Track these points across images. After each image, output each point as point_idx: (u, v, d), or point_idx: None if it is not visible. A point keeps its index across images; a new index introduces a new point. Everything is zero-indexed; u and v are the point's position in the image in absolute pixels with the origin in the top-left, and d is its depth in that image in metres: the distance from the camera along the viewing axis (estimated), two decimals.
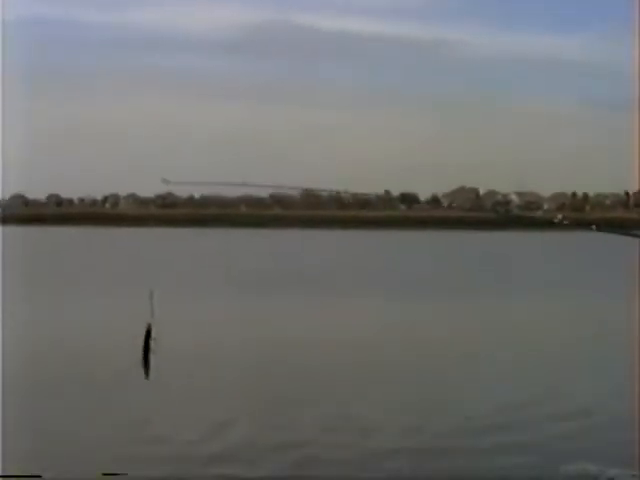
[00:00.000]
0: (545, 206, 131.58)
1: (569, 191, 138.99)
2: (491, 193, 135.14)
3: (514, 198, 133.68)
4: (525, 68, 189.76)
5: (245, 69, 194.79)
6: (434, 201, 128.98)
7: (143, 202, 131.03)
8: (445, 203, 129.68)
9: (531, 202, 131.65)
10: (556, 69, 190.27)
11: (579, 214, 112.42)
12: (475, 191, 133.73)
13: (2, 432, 7.11)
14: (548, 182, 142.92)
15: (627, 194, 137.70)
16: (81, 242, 47.74)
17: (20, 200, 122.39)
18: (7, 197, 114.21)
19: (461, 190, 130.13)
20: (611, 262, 29.99)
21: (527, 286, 21.73)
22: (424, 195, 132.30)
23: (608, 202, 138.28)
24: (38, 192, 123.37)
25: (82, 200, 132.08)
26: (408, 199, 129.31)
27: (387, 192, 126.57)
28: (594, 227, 3.71)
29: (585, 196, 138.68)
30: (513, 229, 64.11)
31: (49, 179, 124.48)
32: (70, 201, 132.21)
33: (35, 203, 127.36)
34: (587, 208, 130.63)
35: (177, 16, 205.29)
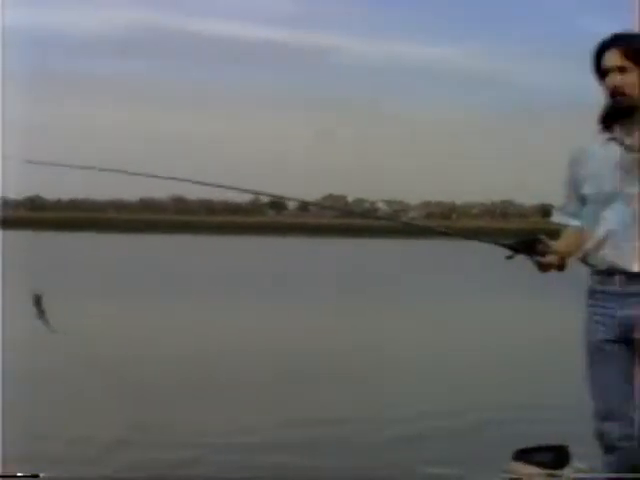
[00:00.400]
0: (412, 214, 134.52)
1: (437, 199, 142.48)
2: (359, 200, 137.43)
3: (382, 206, 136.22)
4: (411, 76, 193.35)
5: (127, 71, 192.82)
6: (303, 208, 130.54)
7: (11, 204, 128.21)
8: (314, 210, 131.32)
9: (399, 210, 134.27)
10: (442, 78, 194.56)
11: (446, 222, 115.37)
12: (344, 198, 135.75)
13: None
14: (418, 190, 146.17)
15: (493, 203, 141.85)
16: None
17: None
18: None
19: (329, 197, 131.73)
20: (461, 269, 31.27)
21: (402, 291, 22.53)
22: (293, 202, 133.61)
23: (475, 211, 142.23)
24: None
25: None
26: (277, 205, 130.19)
27: (257, 198, 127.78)
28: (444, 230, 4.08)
29: (452, 204, 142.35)
30: (381, 236, 65.61)
31: None
32: None
33: None
34: (454, 216, 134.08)
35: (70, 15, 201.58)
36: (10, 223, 55.11)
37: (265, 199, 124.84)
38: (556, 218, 4.27)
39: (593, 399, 4.07)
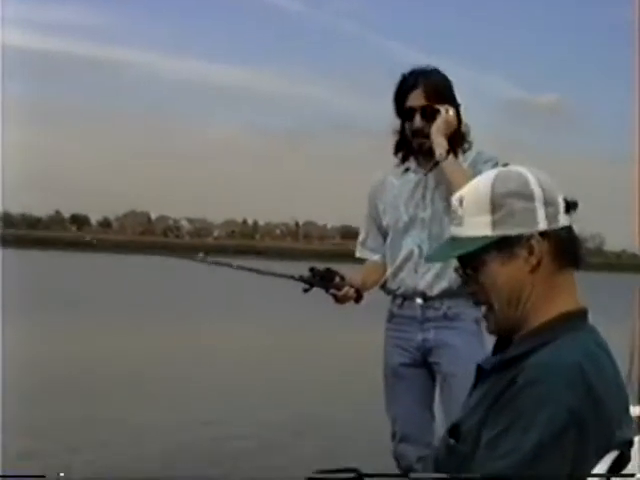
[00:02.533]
0: (215, 233, 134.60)
1: (240, 218, 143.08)
2: (162, 218, 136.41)
3: (185, 224, 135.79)
4: (207, 95, 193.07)
5: None
6: (105, 224, 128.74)
7: None
8: (116, 226, 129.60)
9: (201, 228, 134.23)
10: (235, 98, 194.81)
11: (249, 241, 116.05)
12: (146, 215, 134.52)
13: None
14: (221, 209, 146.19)
15: (297, 224, 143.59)
16: None
17: None
18: None
19: (132, 214, 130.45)
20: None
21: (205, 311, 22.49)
22: (95, 217, 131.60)
23: (278, 231, 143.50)
24: None
25: None
26: (79, 220, 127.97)
27: (58, 212, 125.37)
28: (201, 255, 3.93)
29: (255, 224, 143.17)
30: (183, 255, 65.38)
31: None
32: None
33: None
34: (257, 236, 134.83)
35: None
36: None
37: (66, 214, 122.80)
38: (358, 253, 4.26)
39: (390, 422, 4.06)
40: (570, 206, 2.05)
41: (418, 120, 3.82)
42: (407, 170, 3.98)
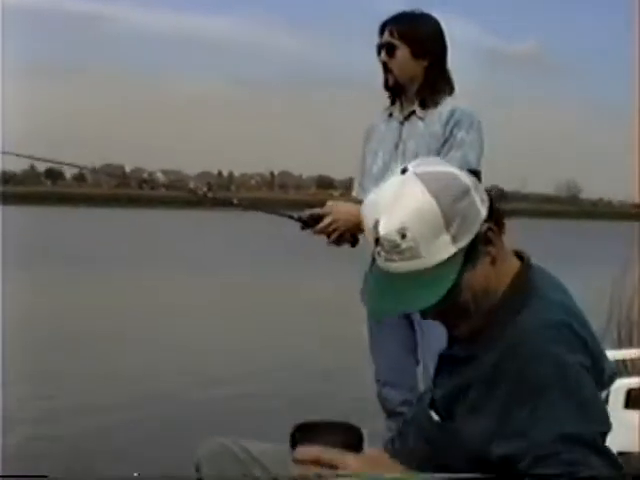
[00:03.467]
0: (191, 184, 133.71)
1: (215, 170, 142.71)
2: (137, 170, 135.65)
3: (160, 176, 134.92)
4: (181, 47, 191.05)
5: None
6: (80, 177, 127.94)
7: None
8: (91, 179, 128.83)
9: (177, 180, 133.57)
10: (210, 49, 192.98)
11: (225, 193, 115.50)
12: (121, 168, 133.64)
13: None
14: (196, 161, 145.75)
15: (272, 174, 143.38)
16: None
17: None
18: None
19: (107, 167, 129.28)
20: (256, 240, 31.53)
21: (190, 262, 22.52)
22: (70, 171, 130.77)
23: (253, 182, 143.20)
24: None
25: None
26: (53, 175, 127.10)
27: (32, 167, 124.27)
28: (235, 201, 3.97)
29: (230, 175, 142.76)
30: (162, 207, 65.18)
31: None
32: None
33: None
34: (233, 187, 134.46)
35: None
36: None
37: (41, 168, 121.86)
38: (355, 193, 4.17)
39: (375, 365, 4.09)
40: (479, 176, 1.97)
41: (382, 54, 3.84)
42: (391, 115, 3.97)
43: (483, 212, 1.88)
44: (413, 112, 3.85)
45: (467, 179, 1.88)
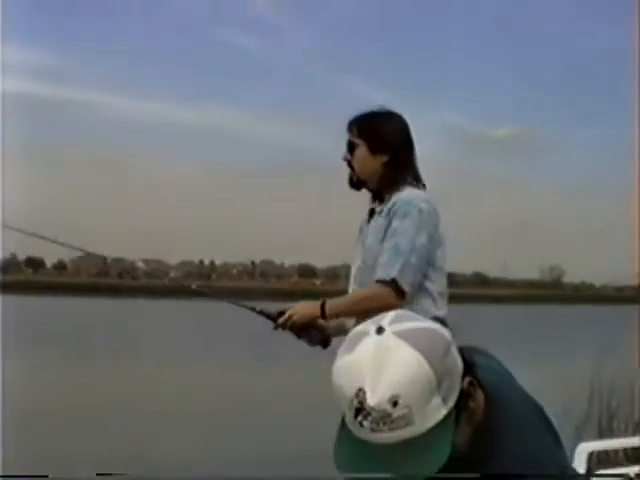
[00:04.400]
0: (172, 274, 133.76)
1: (196, 259, 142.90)
2: (118, 260, 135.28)
3: (141, 265, 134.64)
4: (163, 134, 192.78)
5: None
6: (60, 266, 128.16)
7: None
8: (71, 268, 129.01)
9: (157, 269, 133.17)
10: (191, 137, 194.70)
11: (206, 282, 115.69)
12: (102, 257, 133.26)
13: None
14: (177, 249, 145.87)
15: (253, 263, 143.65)
16: None
17: None
18: None
19: (88, 256, 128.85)
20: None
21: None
22: (50, 259, 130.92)
23: (235, 271, 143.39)
24: None
25: None
26: (34, 263, 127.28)
27: (13, 255, 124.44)
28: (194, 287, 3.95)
29: (212, 264, 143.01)
30: (141, 296, 65.26)
31: None
32: None
33: None
34: (214, 276, 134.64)
35: None
36: None
37: (22, 256, 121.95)
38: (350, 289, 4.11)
39: None
40: (444, 322, 1.89)
41: (345, 153, 3.89)
42: (372, 210, 3.96)
43: (461, 365, 1.76)
44: (374, 208, 3.89)
45: (445, 332, 1.75)
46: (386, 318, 1.74)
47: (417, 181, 3.83)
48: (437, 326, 1.76)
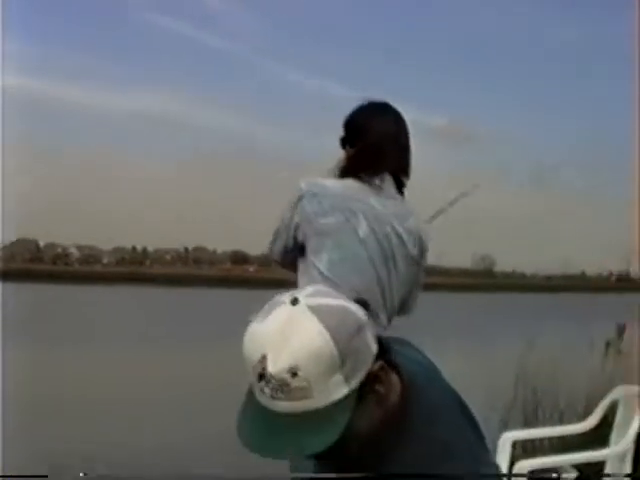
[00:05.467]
0: (105, 260, 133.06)
1: (129, 245, 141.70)
2: (51, 245, 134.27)
3: (74, 251, 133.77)
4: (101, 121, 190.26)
5: None
6: None
7: None
8: (5, 255, 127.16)
9: (91, 255, 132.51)
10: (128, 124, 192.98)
11: (139, 268, 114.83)
12: (35, 243, 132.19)
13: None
14: (110, 236, 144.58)
15: (186, 249, 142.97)
16: None
17: None
18: None
19: (21, 241, 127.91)
20: None
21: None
22: None
23: (168, 257, 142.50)
24: None
25: None
26: None
27: None
28: None
29: (144, 250, 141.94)
30: (75, 283, 64.73)
31: None
32: None
33: None
34: (147, 262, 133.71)
35: None
36: None
37: None
38: None
39: None
40: (367, 306, 1.80)
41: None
42: None
43: (374, 349, 1.74)
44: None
45: (361, 313, 1.74)
46: (304, 291, 1.75)
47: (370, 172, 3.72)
48: (353, 306, 1.75)
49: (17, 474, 2.01)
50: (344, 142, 3.81)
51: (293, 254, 3.70)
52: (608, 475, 5.06)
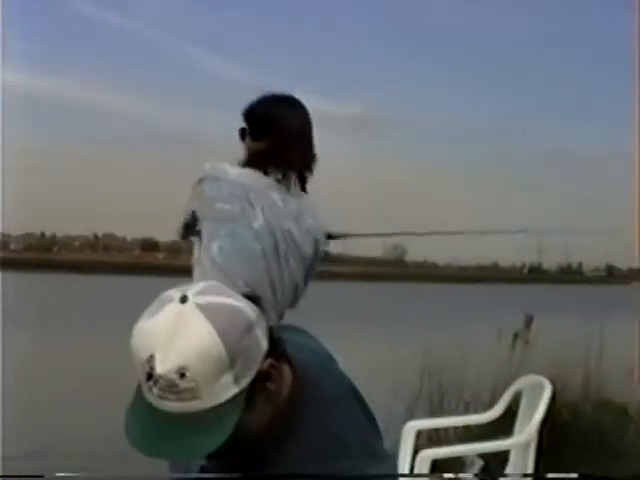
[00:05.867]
0: (12, 246, 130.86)
1: (38, 231, 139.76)
2: None
3: None
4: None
5: None
6: None
7: None
8: None
9: (1, 242, 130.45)
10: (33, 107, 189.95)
11: (46, 254, 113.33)
12: None
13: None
14: (18, 221, 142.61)
15: (96, 236, 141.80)
16: None
17: None
18: None
19: None
20: None
21: None
22: None
23: (77, 244, 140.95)
24: None
25: None
26: None
27: None
28: None
29: (53, 237, 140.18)
30: None
31: None
32: None
33: None
34: (55, 249, 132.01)
35: None
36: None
37: None
38: None
39: None
40: (258, 301, 1.79)
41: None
42: None
43: (264, 346, 1.72)
44: None
45: (251, 312, 1.72)
46: (193, 288, 1.71)
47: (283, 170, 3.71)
48: (242, 304, 1.72)
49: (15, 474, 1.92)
50: (244, 133, 3.79)
51: (192, 231, 3.72)
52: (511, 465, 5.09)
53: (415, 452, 5.02)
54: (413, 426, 5.27)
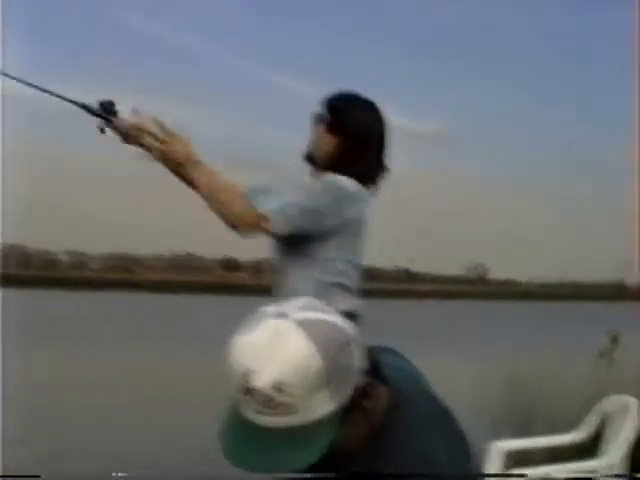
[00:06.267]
0: (94, 265, 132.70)
1: (118, 251, 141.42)
2: (41, 252, 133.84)
3: (64, 257, 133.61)
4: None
5: None
6: None
7: None
8: None
9: (81, 262, 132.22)
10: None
11: (129, 275, 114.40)
12: (23, 249, 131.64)
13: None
14: (101, 241, 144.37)
15: (176, 256, 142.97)
16: None
17: None
18: None
19: (11, 247, 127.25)
20: None
21: None
22: None
23: (162, 264, 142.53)
24: None
25: None
26: None
27: None
28: None
29: (134, 257, 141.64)
30: (62, 288, 64.86)
31: None
32: None
33: None
34: (137, 269, 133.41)
35: None
36: None
37: None
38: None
39: None
40: (356, 318, 1.80)
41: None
42: None
43: (361, 364, 1.73)
44: None
45: (349, 328, 1.73)
46: (292, 304, 1.74)
47: (365, 179, 3.65)
48: (341, 321, 1.74)
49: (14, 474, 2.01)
50: (320, 120, 3.71)
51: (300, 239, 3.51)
52: None
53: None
54: (500, 447, 5.24)
